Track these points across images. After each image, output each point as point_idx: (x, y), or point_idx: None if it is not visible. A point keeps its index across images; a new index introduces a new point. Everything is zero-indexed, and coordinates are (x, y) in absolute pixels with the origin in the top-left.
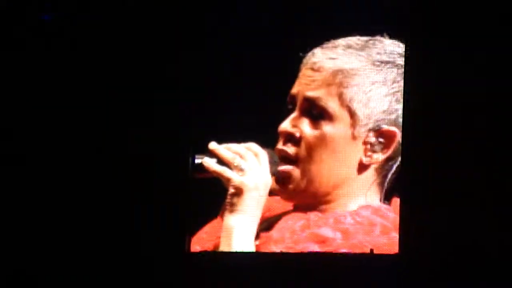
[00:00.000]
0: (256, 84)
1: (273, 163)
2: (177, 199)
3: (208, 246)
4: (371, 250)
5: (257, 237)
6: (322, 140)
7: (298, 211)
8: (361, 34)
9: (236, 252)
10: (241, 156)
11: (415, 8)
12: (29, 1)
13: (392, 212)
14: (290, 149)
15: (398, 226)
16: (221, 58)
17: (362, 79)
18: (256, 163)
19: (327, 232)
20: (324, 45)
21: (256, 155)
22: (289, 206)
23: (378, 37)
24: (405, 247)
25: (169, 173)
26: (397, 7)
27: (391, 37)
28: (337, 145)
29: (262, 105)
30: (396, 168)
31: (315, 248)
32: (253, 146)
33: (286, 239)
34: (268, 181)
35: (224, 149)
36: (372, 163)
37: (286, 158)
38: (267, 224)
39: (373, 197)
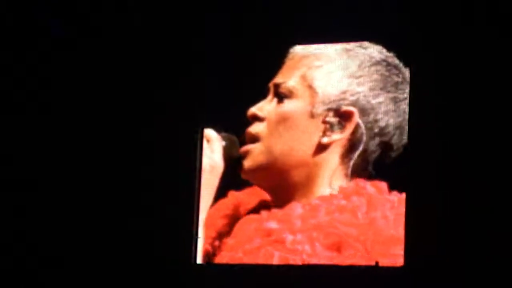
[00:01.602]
0: (248, 81)
1: (231, 148)
2: (184, 208)
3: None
4: (376, 263)
5: (216, 245)
6: (281, 116)
7: (253, 212)
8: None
9: (242, 264)
10: None
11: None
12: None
13: (341, 196)
14: (254, 128)
15: (342, 207)
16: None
17: (327, 61)
18: (206, 149)
19: (272, 224)
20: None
21: (208, 140)
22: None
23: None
24: (410, 260)
25: (175, 181)
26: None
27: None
28: (296, 121)
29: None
30: (357, 156)
31: (261, 241)
32: (208, 131)
33: (241, 243)
34: (217, 166)
35: None
36: (331, 143)
37: (250, 138)
38: (226, 230)
39: (337, 187)
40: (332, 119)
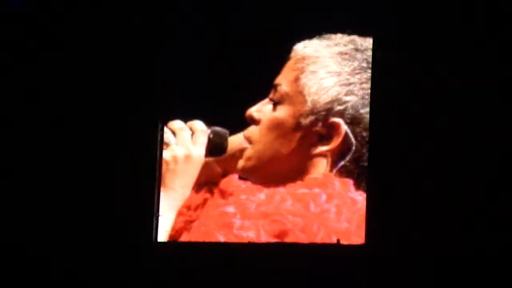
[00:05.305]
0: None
1: (218, 142)
2: (144, 185)
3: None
4: (338, 241)
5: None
6: (272, 123)
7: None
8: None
9: (204, 243)
10: (173, 132)
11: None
12: None
13: (304, 185)
14: (249, 131)
15: (298, 196)
16: (214, 53)
17: (320, 67)
18: (186, 139)
19: (229, 209)
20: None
21: (193, 132)
22: None
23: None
24: (370, 238)
25: (137, 158)
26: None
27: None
28: (284, 130)
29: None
30: (351, 163)
31: (214, 225)
32: (195, 123)
33: (199, 226)
34: (195, 157)
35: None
36: (317, 154)
37: (246, 139)
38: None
39: None
40: (319, 129)
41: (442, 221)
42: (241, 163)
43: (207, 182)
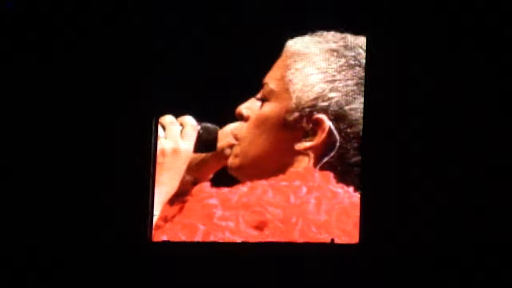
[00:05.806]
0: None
1: (208, 137)
2: (139, 186)
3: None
4: (332, 240)
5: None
6: (259, 119)
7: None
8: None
9: (197, 242)
10: (163, 126)
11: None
12: None
13: (285, 178)
14: (237, 128)
15: (278, 188)
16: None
17: (307, 64)
18: (174, 133)
19: (212, 201)
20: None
21: (183, 126)
22: None
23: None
24: (365, 237)
25: (131, 159)
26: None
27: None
28: (270, 126)
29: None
30: (336, 159)
31: (195, 217)
32: (186, 118)
33: (182, 218)
34: (183, 151)
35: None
36: (302, 150)
37: (234, 136)
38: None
39: None
40: (303, 125)
41: (438, 220)
42: (229, 160)
43: (178, 193)
